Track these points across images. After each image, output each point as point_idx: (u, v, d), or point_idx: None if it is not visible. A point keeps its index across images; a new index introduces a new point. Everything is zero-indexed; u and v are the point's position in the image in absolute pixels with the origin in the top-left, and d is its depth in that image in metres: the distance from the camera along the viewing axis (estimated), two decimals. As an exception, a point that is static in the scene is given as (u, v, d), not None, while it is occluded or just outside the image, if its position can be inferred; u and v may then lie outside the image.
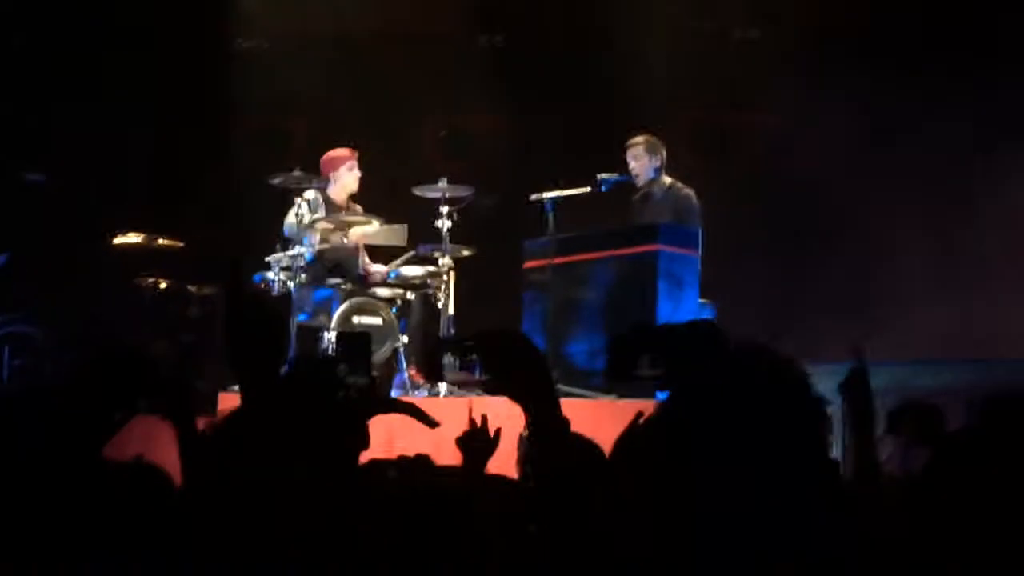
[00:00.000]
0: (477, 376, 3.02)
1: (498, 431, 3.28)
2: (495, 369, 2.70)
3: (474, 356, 2.84)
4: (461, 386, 7.30)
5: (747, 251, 9.24)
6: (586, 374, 7.63)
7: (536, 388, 2.55)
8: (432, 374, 3.36)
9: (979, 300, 8.93)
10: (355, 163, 8.85)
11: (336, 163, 8.84)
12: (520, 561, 2.17)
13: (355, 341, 7.40)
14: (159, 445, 3.06)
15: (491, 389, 2.86)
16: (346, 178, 8.82)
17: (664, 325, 1.94)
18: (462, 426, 3.33)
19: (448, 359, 3.13)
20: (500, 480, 3.25)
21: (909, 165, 9.28)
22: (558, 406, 2.40)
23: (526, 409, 2.57)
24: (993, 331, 8.64)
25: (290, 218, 8.55)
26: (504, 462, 3.44)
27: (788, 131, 9.79)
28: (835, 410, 2.50)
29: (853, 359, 3.13)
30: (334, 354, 7.73)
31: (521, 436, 3.19)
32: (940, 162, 9.23)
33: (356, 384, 2.81)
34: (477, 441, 3.26)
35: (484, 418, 3.32)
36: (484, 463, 3.27)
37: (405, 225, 8.72)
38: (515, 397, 2.64)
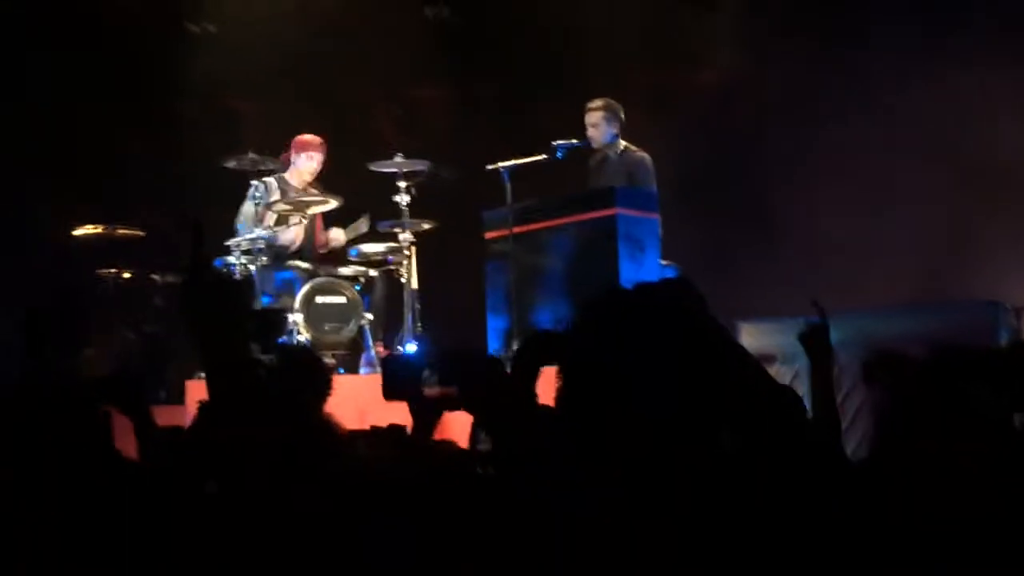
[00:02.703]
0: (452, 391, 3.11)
1: (447, 398, 3.29)
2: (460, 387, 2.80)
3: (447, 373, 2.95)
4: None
5: (696, 211, 9.26)
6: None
7: (496, 408, 2.64)
8: (393, 393, 3.37)
9: (924, 246, 9.01)
10: (317, 155, 8.82)
11: (299, 148, 8.83)
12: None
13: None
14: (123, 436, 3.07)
15: (454, 404, 2.95)
16: (304, 165, 8.81)
17: (637, 284, 1.91)
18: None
19: (426, 373, 3.21)
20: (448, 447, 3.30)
21: (854, 117, 9.32)
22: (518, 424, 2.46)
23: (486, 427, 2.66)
24: (944, 274, 8.73)
25: (246, 208, 8.52)
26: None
27: (732, 89, 9.83)
28: (801, 367, 2.55)
29: (814, 314, 3.17)
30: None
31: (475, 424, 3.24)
32: (883, 110, 9.28)
33: (270, 360, 2.84)
34: (425, 404, 3.27)
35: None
36: (433, 425, 3.29)
37: (367, 213, 8.71)
38: (475, 415, 2.73)
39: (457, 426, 3.49)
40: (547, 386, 3.09)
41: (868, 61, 9.28)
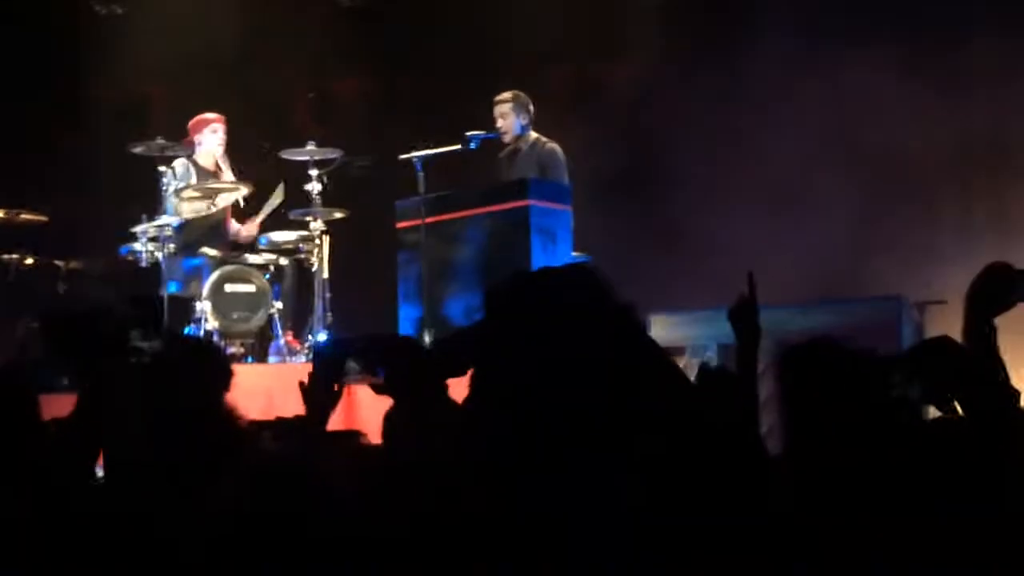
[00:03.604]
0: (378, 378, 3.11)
1: (342, 386, 3.27)
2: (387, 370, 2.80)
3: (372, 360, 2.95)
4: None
5: (609, 203, 9.29)
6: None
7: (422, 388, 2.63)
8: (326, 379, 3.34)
9: (828, 242, 9.14)
10: (220, 126, 8.70)
11: (200, 126, 8.70)
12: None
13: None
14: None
15: (381, 389, 2.93)
16: (210, 140, 8.68)
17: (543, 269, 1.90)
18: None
19: (351, 364, 3.20)
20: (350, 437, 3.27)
21: (755, 117, 9.42)
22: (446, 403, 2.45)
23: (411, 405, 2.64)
24: (848, 272, 8.86)
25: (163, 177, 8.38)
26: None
27: (647, 82, 9.89)
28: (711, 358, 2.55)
29: (745, 289, 3.16)
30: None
31: (387, 414, 3.21)
32: (780, 110, 9.39)
33: (151, 348, 2.79)
34: (318, 390, 3.24)
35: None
36: (327, 413, 3.26)
37: (281, 184, 8.61)
38: (399, 396, 2.71)
39: (367, 414, 3.47)
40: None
41: (763, 61, 9.35)
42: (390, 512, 2.25)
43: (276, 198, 8.61)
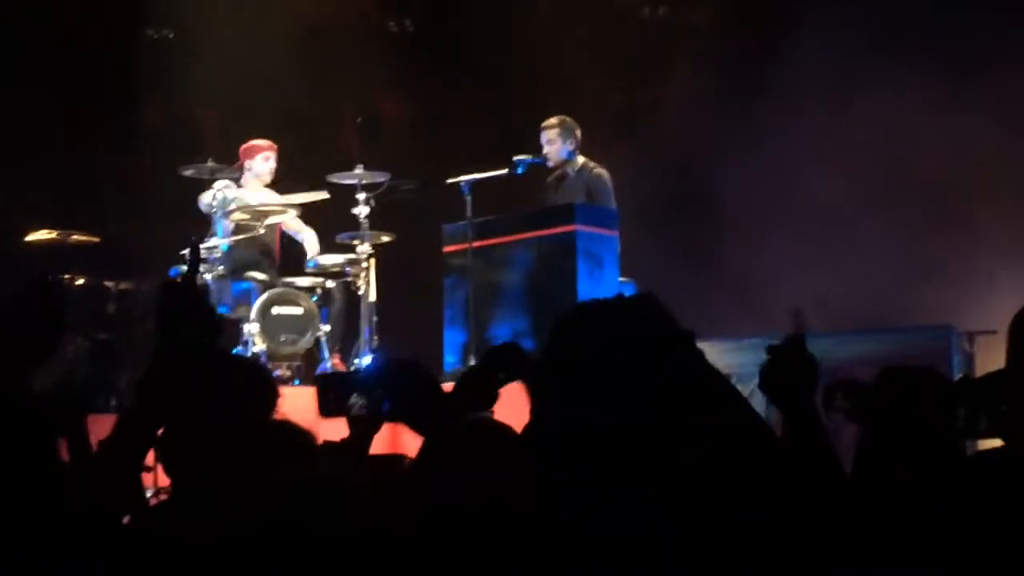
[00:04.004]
0: (384, 413, 3.12)
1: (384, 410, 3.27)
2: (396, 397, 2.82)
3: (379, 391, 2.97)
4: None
5: (653, 228, 9.28)
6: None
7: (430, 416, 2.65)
8: (327, 410, 3.36)
9: (875, 270, 9.08)
10: (272, 154, 8.76)
11: (252, 152, 8.75)
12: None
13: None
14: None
15: (392, 417, 2.94)
16: (261, 167, 8.73)
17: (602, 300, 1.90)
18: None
19: (354, 399, 3.21)
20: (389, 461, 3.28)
21: (801, 143, 9.39)
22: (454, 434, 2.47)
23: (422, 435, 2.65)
24: (893, 301, 8.80)
25: (205, 197, 8.45)
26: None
27: (693, 109, 9.88)
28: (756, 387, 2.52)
29: (793, 326, 3.09)
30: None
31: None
32: (830, 136, 9.35)
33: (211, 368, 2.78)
34: (361, 416, 3.25)
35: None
36: (370, 437, 3.27)
37: (324, 191, 8.62)
38: (413, 425, 2.73)
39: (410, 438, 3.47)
40: (511, 400, 3.10)
41: (809, 89, 9.30)
42: (427, 537, 2.26)
43: (318, 195, 8.56)
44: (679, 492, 1.80)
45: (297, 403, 3.97)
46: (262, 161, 8.72)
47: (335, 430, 3.48)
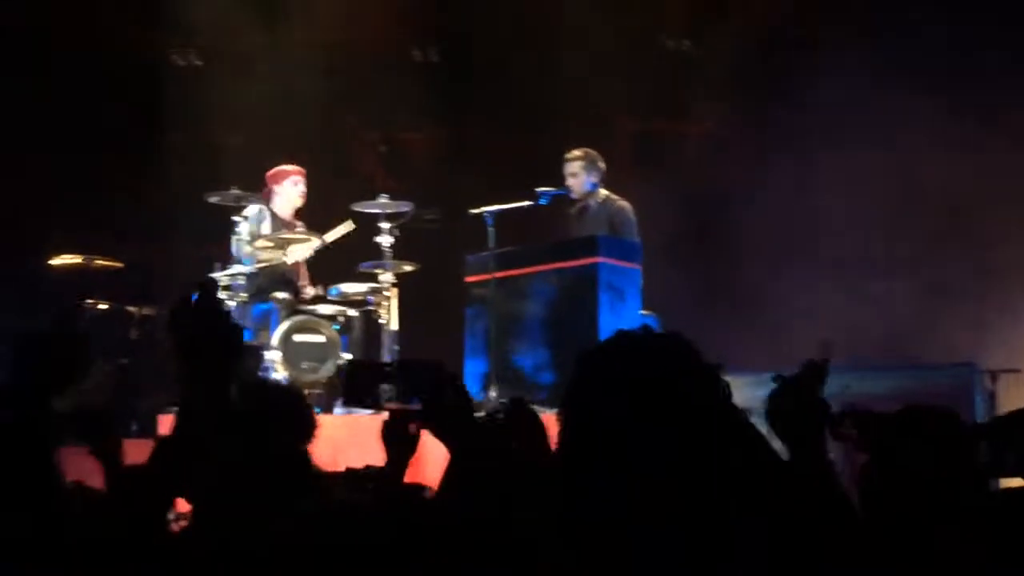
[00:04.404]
0: (413, 406, 3.08)
1: (419, 430, 3.23)
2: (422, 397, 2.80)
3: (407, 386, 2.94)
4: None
5: (673, 260, 9.28)
6: (531, 388, 7.63)
7: (458, 420, 2.63)
8: (351, 398, 3.34)
9: (902, 306, 9.06)
10: (301, 179, 8.80)
11: (280, 177, 8.79)
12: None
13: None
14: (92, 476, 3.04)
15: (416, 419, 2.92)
16: (291, 192, 8.77)
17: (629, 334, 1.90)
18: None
19: (385, 387, 3.18)
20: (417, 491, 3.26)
21: (823, 176, 9.38)
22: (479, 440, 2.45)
23: (448, 444, 2.64)
24: (914, 337, 8.77)
25: (246, 226, 8.47)
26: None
27: (716, 142, 9.90)
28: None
29: (818, 356, 3.06)
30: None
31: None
32: (864, 166, 9.34)
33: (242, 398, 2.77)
34: (399, 435, 3.22)
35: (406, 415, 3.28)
36: (407, 459, 3.23)
37: (349, 220, 8.64)
38: (438, 428, 2.71)
39: (432, 462, 3.46)
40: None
41: (832, 122, 9.30)
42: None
43: (344, 228, 8.61)
44: (701, 528, 1.80)
45: (318, 431, 3.98)
46: (291, 185, 8.76)
47: (358, 458, 3.49)
